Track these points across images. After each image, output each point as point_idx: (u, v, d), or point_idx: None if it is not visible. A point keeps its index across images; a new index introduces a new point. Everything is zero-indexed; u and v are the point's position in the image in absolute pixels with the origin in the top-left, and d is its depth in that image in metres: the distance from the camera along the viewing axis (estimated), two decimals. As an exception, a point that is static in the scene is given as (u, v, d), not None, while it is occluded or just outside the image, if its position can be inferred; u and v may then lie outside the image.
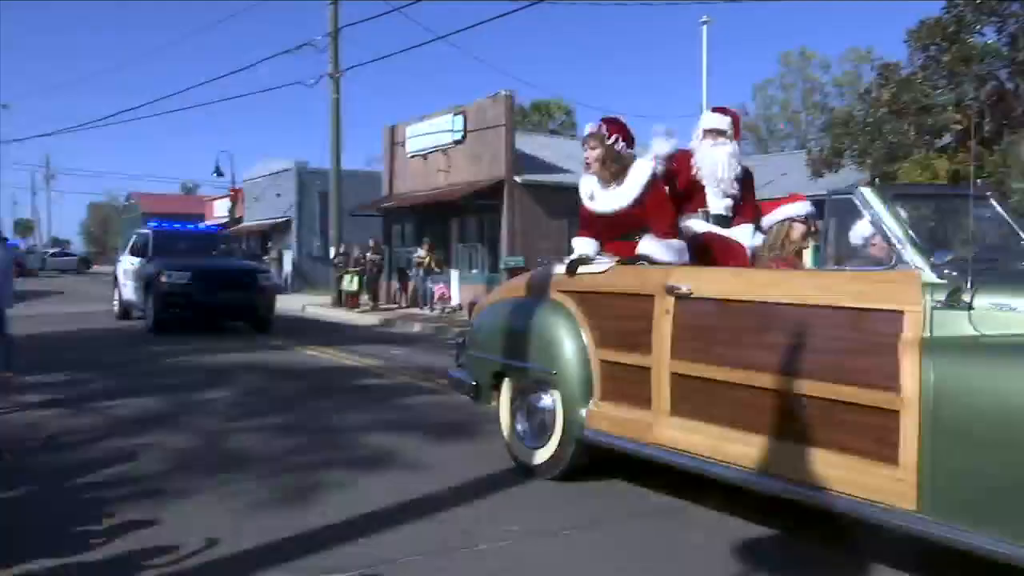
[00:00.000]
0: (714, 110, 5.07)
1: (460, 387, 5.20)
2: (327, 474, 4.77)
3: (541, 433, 4.60)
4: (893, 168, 14.96)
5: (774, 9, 71.57)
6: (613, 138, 4.44)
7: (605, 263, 4.35)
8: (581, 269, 4.42)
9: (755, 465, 3.48)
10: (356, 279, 19.50)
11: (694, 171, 4.88)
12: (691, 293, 3.81)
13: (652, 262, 4.22)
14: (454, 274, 19.25)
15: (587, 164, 4.55)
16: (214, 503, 4.23)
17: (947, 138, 15.00)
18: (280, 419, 6.46)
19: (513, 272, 18.14)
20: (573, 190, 19.67)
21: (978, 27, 14.67)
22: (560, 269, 4.57)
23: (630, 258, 4.29)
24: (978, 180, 13.13)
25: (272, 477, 4.72)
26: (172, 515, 4.01)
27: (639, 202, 4.36)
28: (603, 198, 4.50)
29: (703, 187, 4.88)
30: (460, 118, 19.92)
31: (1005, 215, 3.54)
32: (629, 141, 4.50)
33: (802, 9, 64.56)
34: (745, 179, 4.96)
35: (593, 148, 4.48)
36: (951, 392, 2.87)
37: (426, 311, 18.42)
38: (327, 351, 11.27)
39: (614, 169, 4.44)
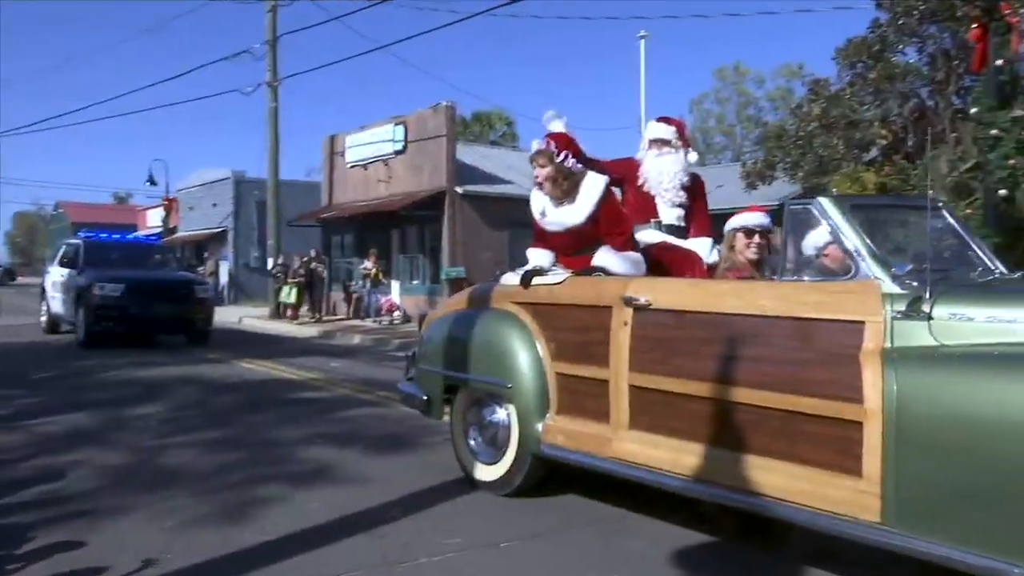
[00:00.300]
0: (658, 120, 5.02)
1: (410, 401, 5.02)
2: (265, 489, 4.59)
3: (495, 448, 4.45)
4: (824, 181, 15.27)
5: (710, 25, 73.17)
6: (562, 155, 4.25)
7: (561, 274, 4.24)
8: (536, 280, 4.29)
9: (715, 478, 3.40)
10: (295, 290, 19.06)
11: (641, 181, 4.84)
12: (649, 304, 3.73)
13: (608, 274, 4.12)
14: (395, 285, 18.99)
15: (537, 183, 4.38)
16: (147, 522, 4.01)
17: (874, 152, 15.39)
18: (216, 434, 6.22)
19: (454, 283, 17.98)
20: (514, 201, 19.66)
21: (900, 47, 15.10)
22: (514, 280, 4.44)
23: (586, 269, 4.18)
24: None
25: (208, 494, 4.52)
26: (102, 536, 3.79)
27: (593, 218, 4.24)
28: (555, 215, 4.36)
29: (653, 197, 4.84)
30: (401, 128, 19.70)
31: (956, 226, 3.54)
32: (579, 155, 4.33)
33: (737, 25, 66.08)
34: (695, 188, 4.93)
35: (542, 166, 4.29)
36: (915, 402, 2.84)
37: (371, 323, 18.10)
38: (265, 364, 10.94)
39: (566, 187, 4.27)
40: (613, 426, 3.84)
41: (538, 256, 4.44)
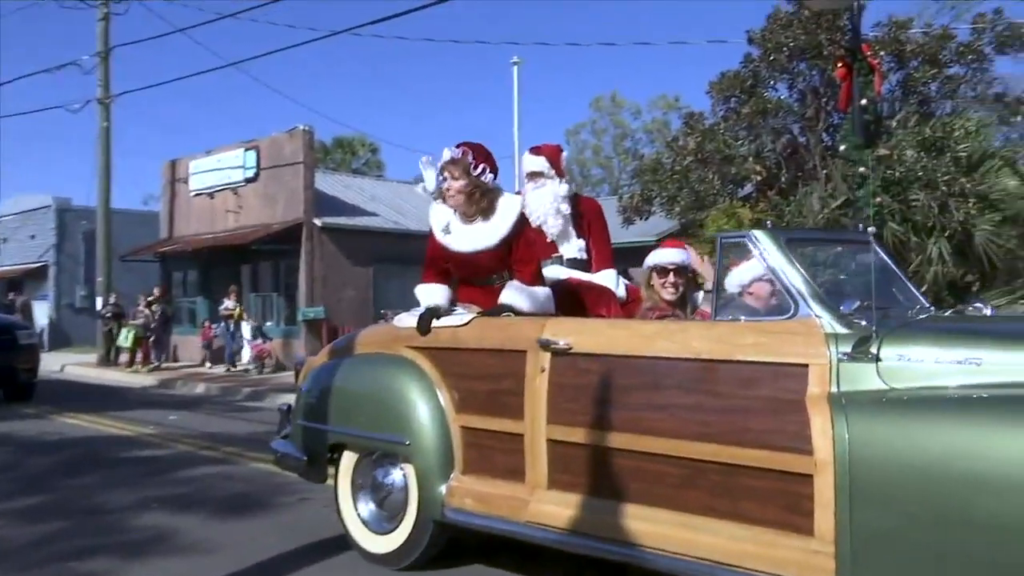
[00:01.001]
0: (530, 151, 4.90)
1: (286, 463, 4.60)
2: (93, 562, 4.25)
3: (391, 515, 4.13)
4: (700, 216, 15.76)
5: (585, 53, 75.32)
6: (480, 168, 4.02)
7: (465, 315, 3.99)
8: (437, 323, 4.02)
9: (648, 542, 3.22)
10: (131, 334, 17.80)
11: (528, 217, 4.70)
12: (570, 348, 3.54)
13: (518, 314, 3.91)
14: (246, 327, 18.11)
15: (446, 195, 4.10)
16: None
17: (749, 187, 16.02)
18: (35, 500, 5.70)
19: (312, 324, 17.31)
20: (379, 234, 19.24)
21: (772, 83, 15.86)
22: (410, 322, 4.15)
23: (493, 309, 3.96)
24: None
25: (27, 570, 4.13)
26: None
27: (506, 242, 4.02)
28: (464, 234, 4.10)
29: (544, 233, 4.70)
30: (253, 153, 18.93)
31: (888, 261, 3.56)
32: (496, 172, 4.12)
33: (612, 54, 68.30)
34: (589, 215, 4.80)
35: (456, 178, 4.03)
36: (870, 452, 2.76)
37: (238, 369, 17.00)
38: (92, 418, 10.12)
39: (483, 204, 4.05)
40: (529, 486, 3.61)
41: (432, 293, 4.16)
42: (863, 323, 2.93)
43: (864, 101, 11.32)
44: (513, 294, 3.95)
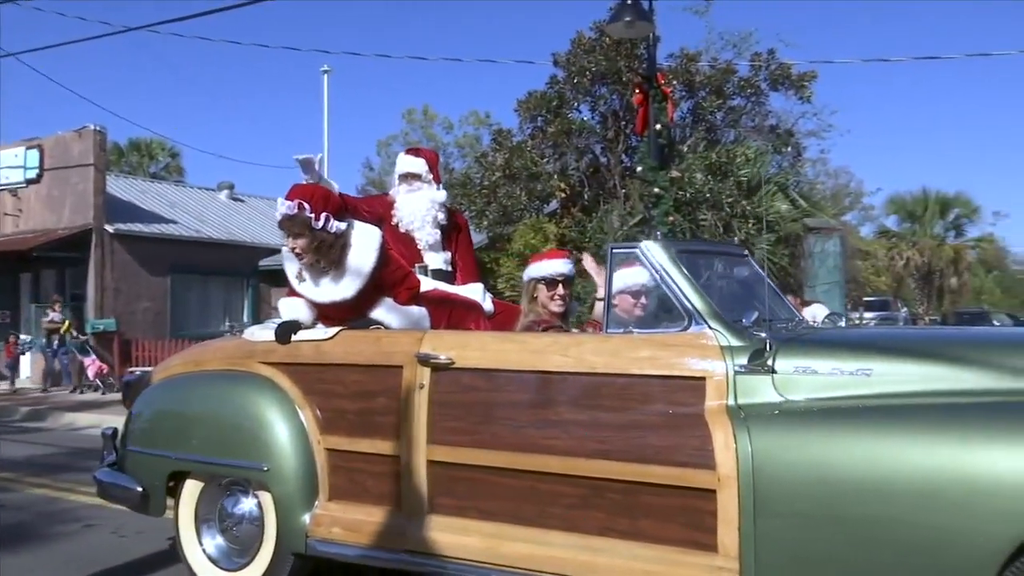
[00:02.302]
0: (407, 152, 4.65)
1: (115, 494, 3.91)
2: None
3: (243, 549, 3.61)
4: (508, 231, 15.83)
5: (396, 65, 74.14)
6: (322, 219, 3.44)
7: (329, 330, 3.56)
8: (298, 336, 3.57)
9: (543, 567, 2.96)
10: None
11: (395, 221, 4.38)
12: (452, 363, 3.22)
13: (388, 329, 3.55)
14: (24, 340, 16.15)
15: (294, 254, 3.55)
16: None
17: (554, 204, 16.30)
18: None
19: (87, 337, 15.56)
20: (179, 243, 17.77)
21: (576, 104, 16.25)
22: (265, 335, 3.67)
23: (362, 322, 3.57)
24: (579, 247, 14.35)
25: None
26: None
27: (366, 290, 3.54)
28: (319, 285, 3.59)
29: (413, 239, 4.39)
30: (35, 153, 16.95)
31: (763, 275, 3.53)
32: (339, 209, 3.56)
33: (423, 68, 67.54)
34: (457, 226, 4.58)
35: (297, 236, 3.47)
36: (773, 465, 2.66)
37: (70, 391, 14.79)
38: None
39: (334, 255, 3.50)
40: (407, 512, 3.24)
41: (296, 307, 3.70)
42: (762, 335, 2.83)
43: (658, 126, 11.82)
44: (384, 312, 3.58)
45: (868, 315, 25.29)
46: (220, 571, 3.65)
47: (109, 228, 16.62)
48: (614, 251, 3.20)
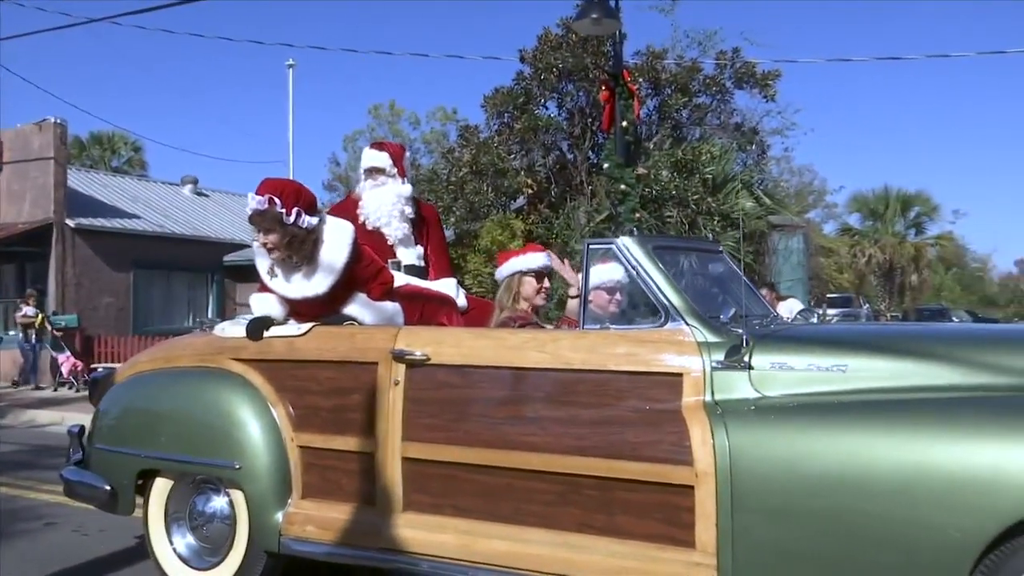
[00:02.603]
0: (372, 146, 4.58)
1: (82, 493, 3.81)
2: None
3: (214, 548, 3.53)
4: (475, 227, 15.78)
5: (362, 60, 73.34)
6: (294, 213, 3.36)
7: (303, 325, 3.49)
8: (270, 332, 3.50)
9: (519, 564, 2.93)
10: None
11: (363, 218, 4.31)
12: (428, 359, 3.17)
13: (361, 325, 3.49)
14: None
15: (265, 250, 3.48)
16: None
17: (521, 200, 16.27)
18: None
19: (62, 333, 15.27)
20: (141, 238, 17.37)
21: (543, 101, 16.23)
22: (236, 331, 3.59)
23: (335, 318, 3.50)
24: (555, 241, 14.37)
25: None
26: None
27: (339, 286, 3.47)
28: (290, 280, 3.52)
29: (384, 235, 4.33)
30: (-7, 146, 16.57)
31: (738, 271, 3.53)
32: (310, 206, 3.47)
33: (390, 63, 66.89)
34: (428, 220, 4.52)
35: (268, 231, 3.39)
36: (749, 461, 2.66)
37: (46, 389, 14.36)
38: None
39: (306, 251, 3.44)
40: (382, 509, 3.19)
41: (267, 303, 3.62)
42: (739, 331, 2.83)
43: (625, 123, 11.81)
44: (358, 308, 3.52)
45: (831, 311, 25.64)
46: (191, 570, 3.57)
47: (70, 222, 16.26)
48: (591, 247, 3.17)
